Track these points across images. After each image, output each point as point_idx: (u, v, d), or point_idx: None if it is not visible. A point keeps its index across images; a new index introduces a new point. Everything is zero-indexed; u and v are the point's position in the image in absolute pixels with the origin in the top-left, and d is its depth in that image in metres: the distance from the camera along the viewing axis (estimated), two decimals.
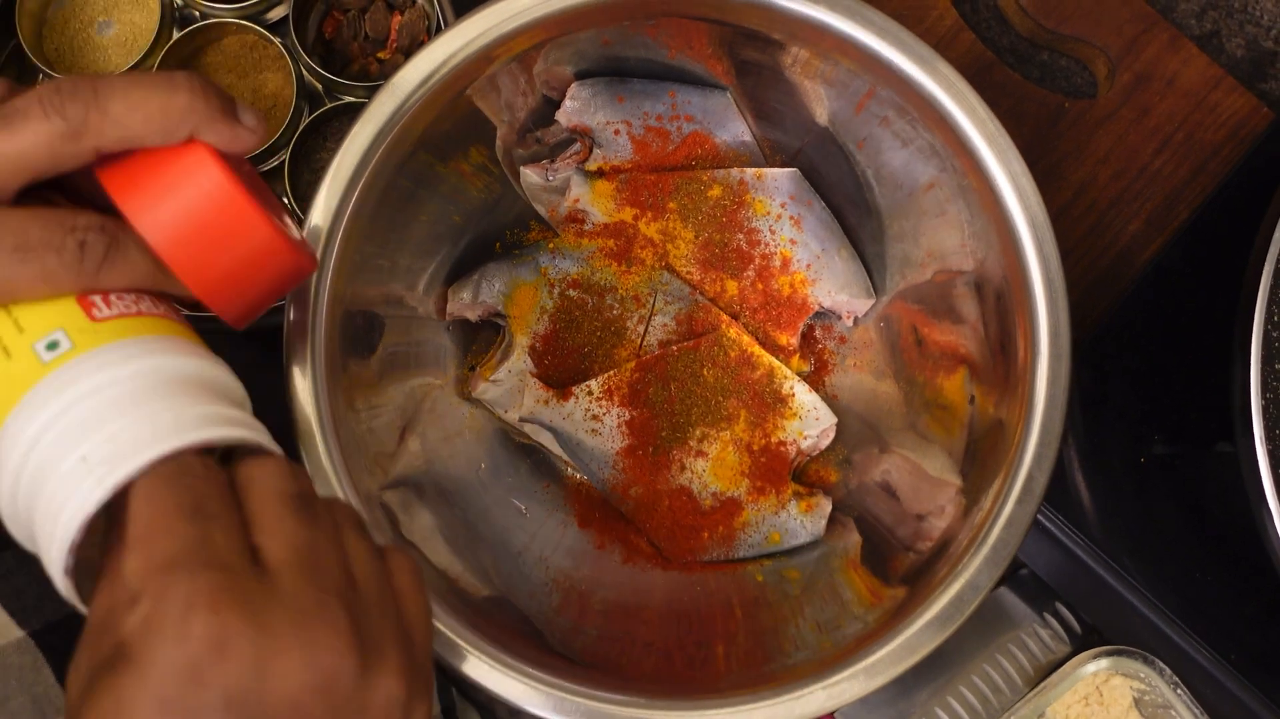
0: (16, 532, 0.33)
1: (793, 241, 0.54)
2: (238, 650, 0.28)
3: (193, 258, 0.33)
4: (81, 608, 0.31)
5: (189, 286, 0.34)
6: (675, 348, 0.54)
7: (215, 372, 0.34)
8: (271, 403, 0.40)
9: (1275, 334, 0.46)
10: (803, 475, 0.55)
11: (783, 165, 0.55)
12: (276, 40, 0.58)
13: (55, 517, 0.30)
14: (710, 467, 0.54)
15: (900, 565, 0.48)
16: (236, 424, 0.32)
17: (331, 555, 0.31)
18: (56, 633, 0.36)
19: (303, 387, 0.43)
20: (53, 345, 0.32)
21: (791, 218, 0.54)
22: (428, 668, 0.33)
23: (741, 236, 0.54)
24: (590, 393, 0.53)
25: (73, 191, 0.35)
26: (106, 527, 0.31)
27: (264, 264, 0.35)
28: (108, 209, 0.34)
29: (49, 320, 0.32)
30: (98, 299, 0.33)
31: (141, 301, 0.34)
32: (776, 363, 0.54)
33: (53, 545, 0.30)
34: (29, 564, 0.37)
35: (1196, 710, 0.55)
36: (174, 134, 0.33)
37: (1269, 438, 0.45)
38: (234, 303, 0.35)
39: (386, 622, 0.32)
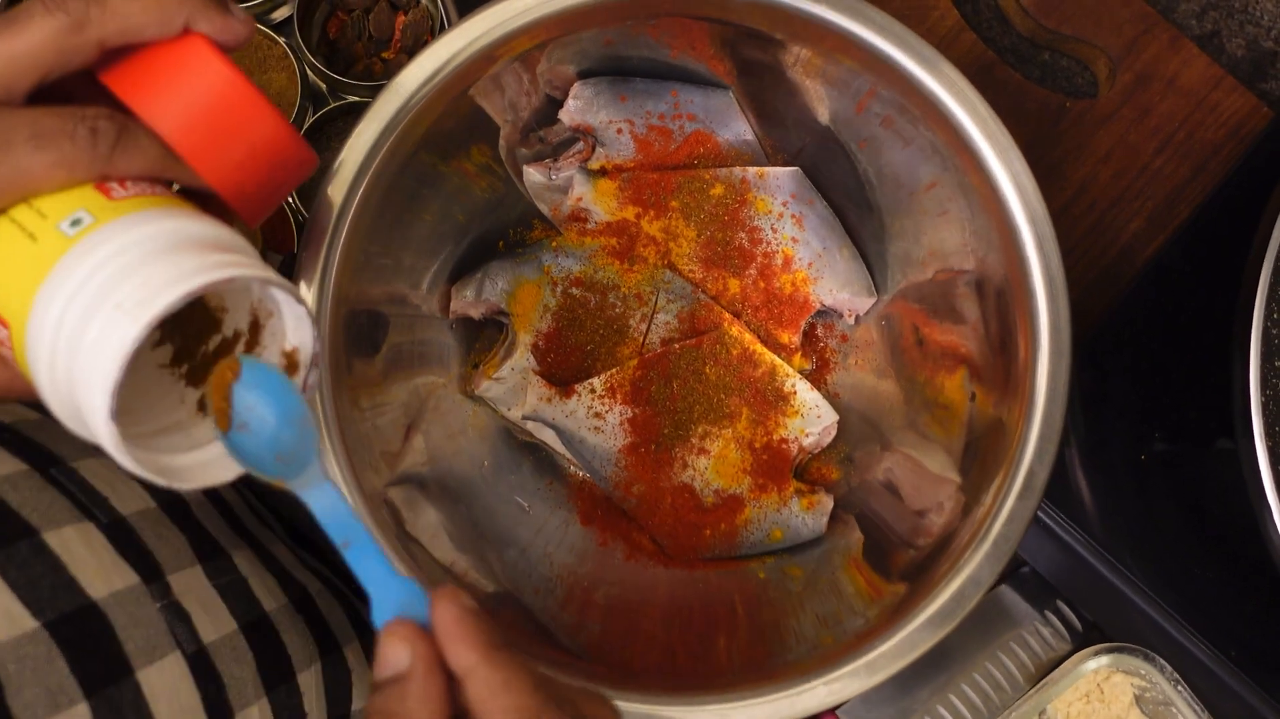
0: (56, 404, 0.33)
1: (794, 240, 0.54)
2: None
3: (199, 139, 0.35)
4: (127, 461, 0.32)
5: (197, 169, 0.35)
6: (677, 346, 0.54)
7: (231, 235, 0.35)
8: None
9: (1275, 331, 0.47)
10: (804, 473, 0.55)
11: (784, 164, 0.55)
12: (281, 40, 0.58)
13: (96, 365, 0.31)
14: (712, 464, 0.54)
15: (901, 561, 0.48)
16: (255, 267, 0.33)
17: None
18: (70, 624, 0.36)
19: None
20: (76, 222, 0.33)
21: (793, 216, 0.54)
22: None
23: (743, 235, 0.55)
24: (593, 390, 0.54)
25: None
26: None
27: (266, 146, 0.36)
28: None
29: (70, 204, 0.33)
30: (114, 184, 0.34)
31: (156, 187, 0.35)
32: (778, 361, 0.54)
33: (94, 393, 0.31)
34: (44, 554, 0.37)
35: (1197, 707, 0.55)
36: (171, 23, 0.34)
37: (1269, 435, 0.45)
38: (242, 187, 0.36)
39: None
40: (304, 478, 0.34)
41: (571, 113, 0.52)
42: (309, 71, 0.59)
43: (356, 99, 0.58)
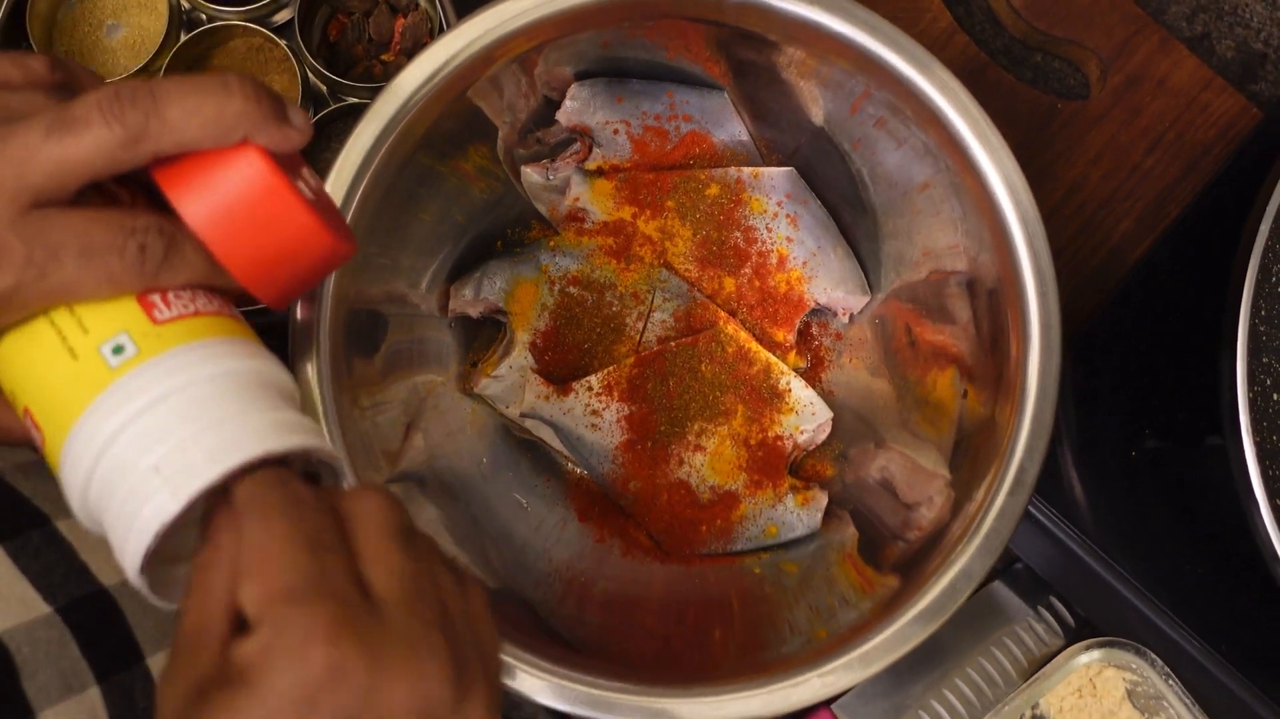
0: (85, 522, 0.34)
1: (789, 239, 0.55)
2: (353, 680, 0.29)
3: (245, 256, 0.35)
4: (156, 600, 0.32)
5: (240, 280, 0.35)
6: (674, 344, 0.55)
7: (271, 370, 0.35)
8: None
9: (1262, 328, 0.47)
10: (799, 470, 0.56)
11: (779, 164, 0.56)
12: (282, 43, 0.58)
13: (129, 522, 0.31)
14: (708, 461, 0.54)
15: (893, 555, 0.48)
16: (300, 431, 0.34)
17: (430, 588, 0.33)
18: (82, 609, 0.37)
19: (309, 385, 0.44)
20: (118, 350, 0.33)
21: (788, 216, 0.55)
22: (500, 695, 0.34)
23: (739, 234, 0.55)
24: (590, 388, 0.54)
25: (125, 177, 0.36)
26: (195, 532, 0.33)
27: (311, 256, 0.36)
28: (158, 192, 0.35)
29: (112, 322, 0.33)
30: (157, 299, 0.34)
31: (197, 299, 0.35)
32: (773, 359, 0.55)
33: (127, 549, 0.31)
34: (56, 543, 0.38)
35: (1188, 701, 0.56)
36: (228, 138, 0.34)
37: (1256, 430, 0.45)
38: (280, 291, 0.36)
39: (473, 651, 0.33)
40: None
41: (568, 113, 0.53)
42: (309, 74, 0.59)
43: (356, 101, 0.59)
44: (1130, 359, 0.57)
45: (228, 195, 0.34)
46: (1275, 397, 0.48)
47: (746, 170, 0.55)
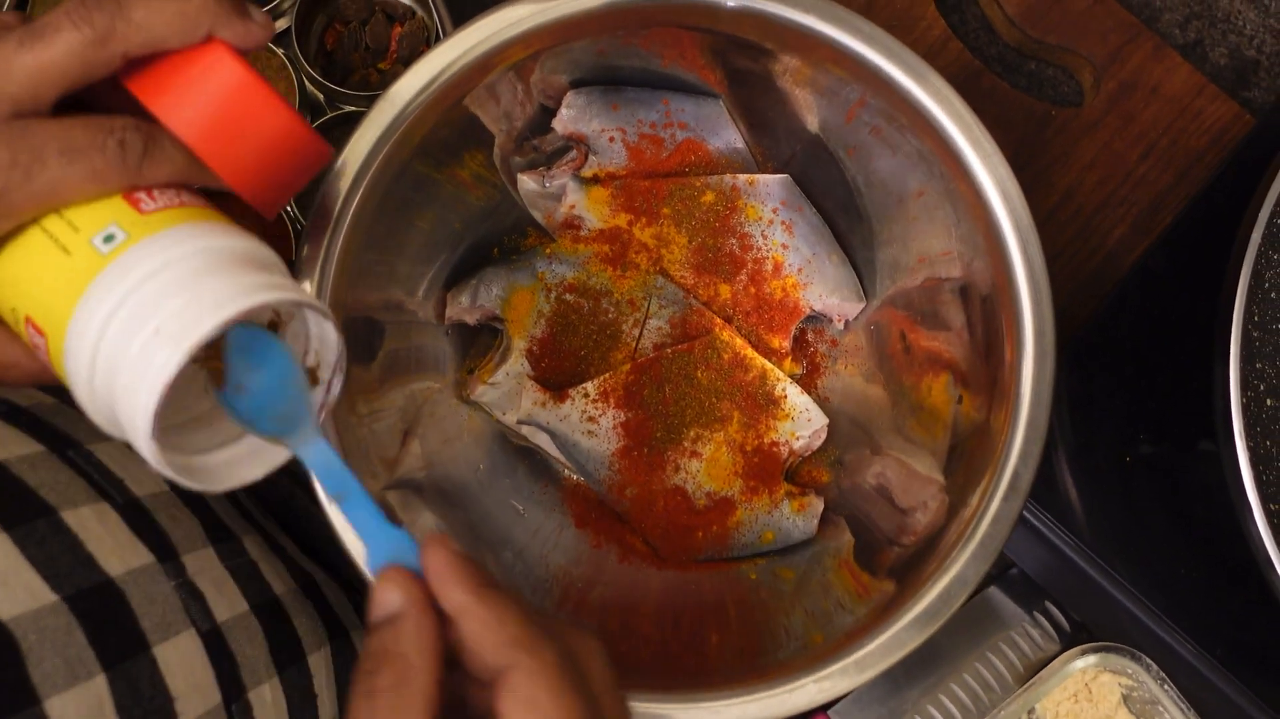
0: (94, 414, 0.34)
1: (784, 246, 0.55)
2: None
3: (221, 145, 0.36)
4: (166, 470, 0.33)
5: (219, 173, 0.36)
6: (670, 350, 0.55)
7: (259, 248, 0.36)
8: None
9: (1255, 334, 0.47)
10: (795, 476, 0.56)
11: (774, 172, 0.56)
12: (279, 51, 0.59)
13: (136, 387, 0.32)
14: (704, 467, 0.54)
15: (888, 559, 0.49)
16: (288, 289, 0.34)
17: None
18: (88, 599, 0.37)
19: None
20: (109, 238, 0.34)
21: (783, 223, 0.55)
22: None
23: (734, 241, 0.55)
24: (586, 395, 0.54)
25: (103, 110, 0.37)
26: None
27: (285, 147, 0.37)
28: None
29: (101, 218, 0.34)
30: (142, 194, 0.35)
31: (182, 194, 0.36)
32: (769, 365, 0.55)
33: (136, 414, 0.32)
34: (62, 532, 0.38)
35: (1183, 706, 0.56)
36: (193, 33, 0.35)
37: (1249, 436, 0.45)
38: (261, 187, 0.37)
39: None
40: (299, 435, 0.35)
41: (565, 121, 0.53)
42: (307, 82, 0.60)
43: (354, 109, 0.59)
44: (1125, 364, 0.57)
45: (198, 90, 0.35)
46: (1269, 402, 0.48)
47: (742, 177, 0.55)
